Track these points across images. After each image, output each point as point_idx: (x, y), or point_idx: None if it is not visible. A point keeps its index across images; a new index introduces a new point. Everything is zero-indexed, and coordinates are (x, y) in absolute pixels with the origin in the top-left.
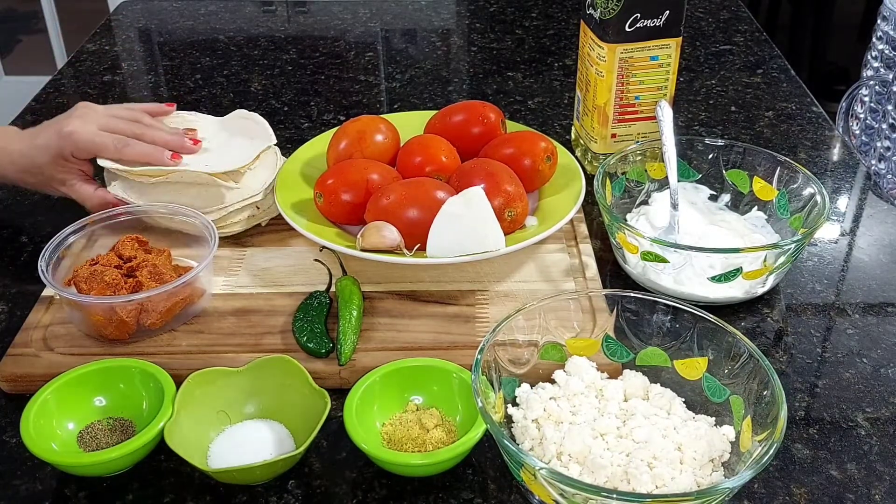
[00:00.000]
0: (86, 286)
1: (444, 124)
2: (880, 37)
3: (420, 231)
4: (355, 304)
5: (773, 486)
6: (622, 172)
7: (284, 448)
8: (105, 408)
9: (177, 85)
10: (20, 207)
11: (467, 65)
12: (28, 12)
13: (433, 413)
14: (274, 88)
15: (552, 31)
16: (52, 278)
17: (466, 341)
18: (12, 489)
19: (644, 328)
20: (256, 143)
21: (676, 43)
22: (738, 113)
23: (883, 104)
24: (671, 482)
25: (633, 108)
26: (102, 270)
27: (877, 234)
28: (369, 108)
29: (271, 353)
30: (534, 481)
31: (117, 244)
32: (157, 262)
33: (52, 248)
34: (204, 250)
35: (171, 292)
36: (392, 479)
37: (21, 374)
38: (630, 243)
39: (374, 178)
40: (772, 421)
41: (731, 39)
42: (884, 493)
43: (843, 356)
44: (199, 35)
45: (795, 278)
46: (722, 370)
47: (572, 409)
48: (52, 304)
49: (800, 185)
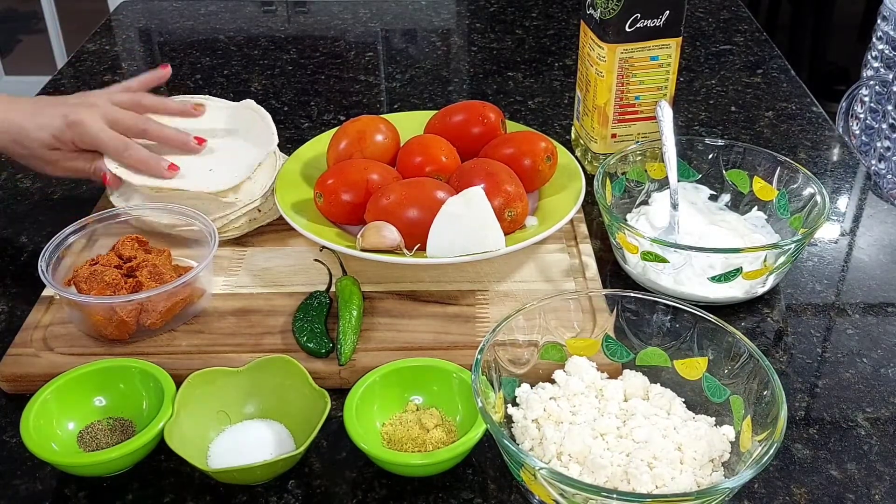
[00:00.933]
0: (86, 286)
1: (444, 124)
2: (880, 37)
3: (420, 231)
4: (355, 304)
5: (773, 486)
6: (622, 172)
7: (284, 448)
8: (105, 408)
9: (177, 85)
10: (20, 207)
11: (467, 65)
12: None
13: (433, 413)
14: (274, 88)
15: (552, 31)
16: (52, 278)
17: (466, 341)
18: (12, 489)
19: (644, 328)
20: (258, 149)
21: (676, 43)
22: (738, 113)
23: (883, 104)
24: (671, 482)
25: (633, 108)
26: (102, 270)
27: (877, 234)
28: (369, 108)
29: (271, 353)
30: (534, 481)
31: (117, 244)
32: (157, 262)
33: (52, 248)
34: (204, 250)
35: (172, 292)
36: (392, 479)
37: (21, 374)
38: (630, 243)
39: (374, 178)
40: (772, 421)
41: (731, 39)
42: (884, 493)
43: (843, 356)
44: (199, 35)
45: (795, 278)
46: (722, 370)
47: (572, 409)
48: (52, 304)
49: (800, 185)
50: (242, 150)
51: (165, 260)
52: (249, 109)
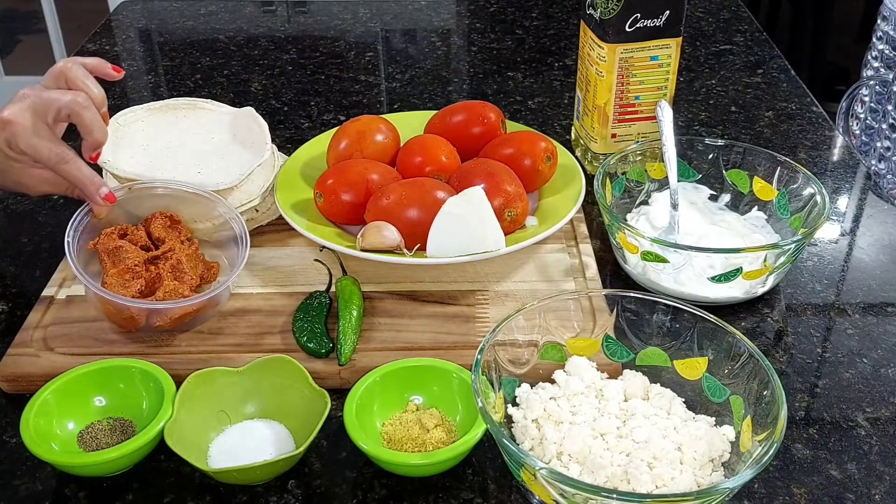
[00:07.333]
0: (108, 259)
1: (444, 124)
2: (880, 37)
3: (420, 231)
4: (355, 304)
5: (773, 486)
6: (622, 172)
7: (284, 448)
8: (105, 408)
9: (177, 85)
10: (20, 207)
11: (467, 65)
12: (28, 12)
13: (433, 413)
14: (274, 88)
15: (552, 31)
16: (77, 246)
17: (466, 341)
18: (12, 489)
19: (644, 328)
20: (250, 157)
21: (676, 43)
22: (738, 113)
23: (883, 104)
24: (671, 482)
25: (633, 108)
26: (127, 250)
27: (877, 234)
28: (369, 108)
29: (271, 353)
30: (534, 481)
31: (149, 219)
32: (182, 258)
33: (81, 215)
34: (231, 251)
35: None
36: (392, 479)
37: (21, 374)
38: (630, 243)
39: (374, 178)
40: (772, 421)
41: (731, 39)
42: (884, 493)
43: (843, 356)
44: (199, 35)
45: (795, 278)
46: (722, 370)
47: (572, 409)
48: (53, 303)
49: (800, 185)
50: (235, 156)
51: (192, 254)
52: (247, 117)
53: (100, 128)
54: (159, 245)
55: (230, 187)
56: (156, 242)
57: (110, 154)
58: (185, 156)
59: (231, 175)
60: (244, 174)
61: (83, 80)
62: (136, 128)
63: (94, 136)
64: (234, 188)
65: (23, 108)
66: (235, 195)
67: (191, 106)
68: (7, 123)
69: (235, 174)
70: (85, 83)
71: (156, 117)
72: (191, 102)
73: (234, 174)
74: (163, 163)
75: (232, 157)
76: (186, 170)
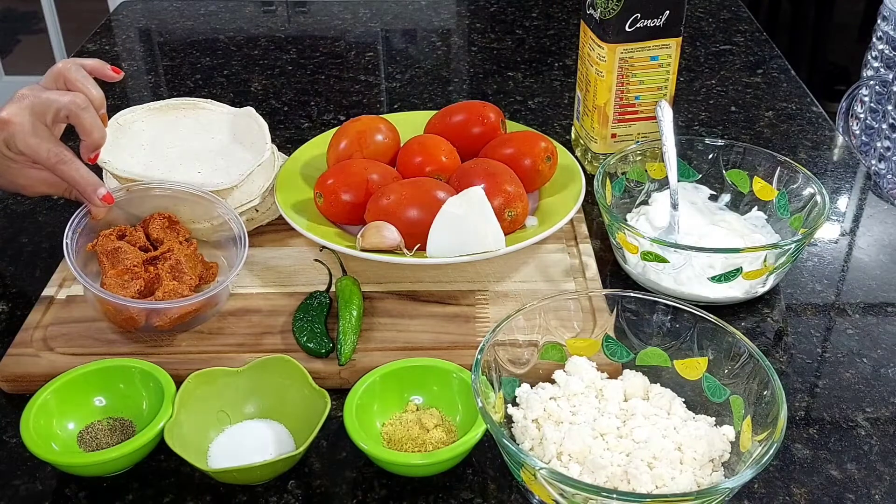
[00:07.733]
0: (107, 261)
1: (444, 124)
2: (880, 37)
3: (420, 231)
4: (355, 304)
5: (773, 486)
6: (622, 172)
7: (284, 448)
8: (105, 408)
9: (177, 85)
10: (20, 207)
11: (467, 65)
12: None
13: (433, 413)
14: (274, 88)
15: (552, 31)
16: (76, 247)
17: (466, 341)
18: (12, 489)
19: (644, 328)
20: (250, 157)
21: (676, 43)
22: (738, 113)
23: (883, 104)
24: (671, 482)
25: (633, 108)
26: (126, 251)
27: (877, 234)
28: (369, 108)
29: (271, 353)
30: (534, 481)
31: (147, 220)
32: (181, 258)
33: (81, 215)
34: (229, 251)
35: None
36: (392, 479)
37: (21, 374)
38: (630, 243)
39: (374, 178)
40: (772, 421)
41: (731, 39)
42: (884, 493)
43: (843, 356)
44: (199, 35)
45: (795, 278)
46: (722, 370)
47: (572, 409)
48: (53, 303)
49: (800, 185)
50: (235, 157)
51: (191, 254)
52: (247, 117)
53: (98, 129)
54: (158, 246)
55: (230, 187)
56: (154, 243)
57: (110, 154)
58: (184, 156)
59: (231, 175)
60: (244, 174)
61: (82, 81)
62: (136, 128)
63: (92, 138)
64: (234, 188)
65: (21, 108)
66: (235, 195)
67: (191, 106)
68: (5, 123)
69: (235, 174)
70: (84, 84)
71: (156, 117)
72: (191, 102)
73: (234, 174)
74: (163, 163)
75: (232, 157)
76: (186, 170)
